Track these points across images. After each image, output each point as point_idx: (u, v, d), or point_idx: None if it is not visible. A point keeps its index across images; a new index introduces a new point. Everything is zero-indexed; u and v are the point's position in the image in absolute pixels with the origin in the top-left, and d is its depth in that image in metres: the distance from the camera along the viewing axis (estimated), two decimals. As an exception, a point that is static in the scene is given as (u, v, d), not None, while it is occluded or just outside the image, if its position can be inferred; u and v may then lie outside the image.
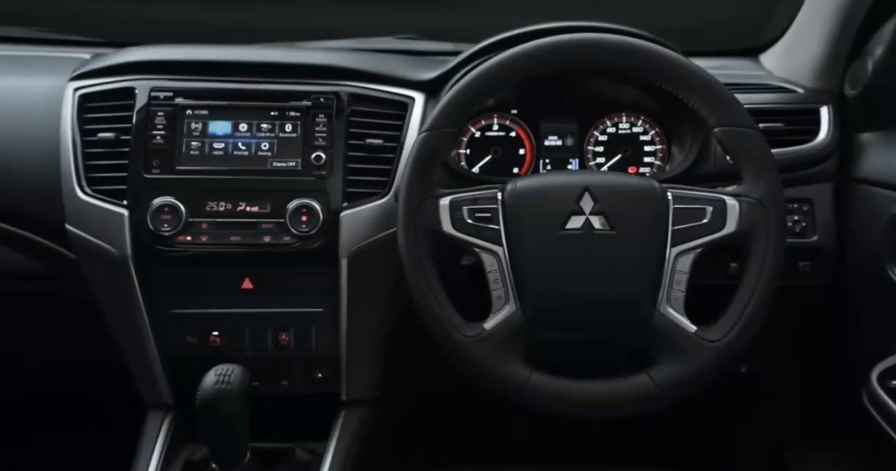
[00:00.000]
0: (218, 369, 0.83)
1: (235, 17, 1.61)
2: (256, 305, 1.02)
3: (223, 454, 0.86)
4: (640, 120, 1.16)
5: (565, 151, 1.17)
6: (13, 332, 1.13)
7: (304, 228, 0.99)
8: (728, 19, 1.50)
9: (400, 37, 1.35)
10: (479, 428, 1.45)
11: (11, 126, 1.01)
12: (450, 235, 0.88)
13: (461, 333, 0.86)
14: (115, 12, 1.58)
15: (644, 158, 1.16)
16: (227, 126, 1.03)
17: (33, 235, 1.00)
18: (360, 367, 1.04)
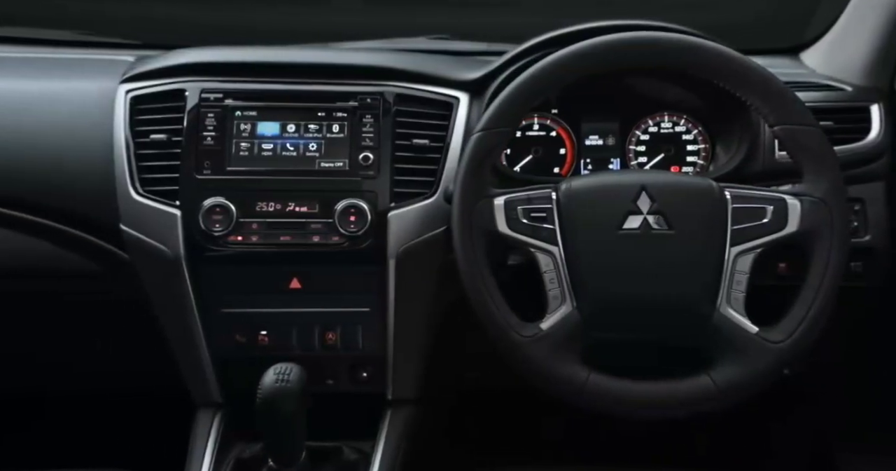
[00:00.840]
0: (277, 368, 0.84)
1: (267, 18, 1.63)
2: (304, 304, 1.03)
3: (281, 452, 0.87)
4: (682, 119, 1.16)
5: (606, 151, 1.17)
6: (63, 331, 1.15)
7: (352, 228, 1.00)
8: (766, 17, 1.49)
9: (432, 37, 1.35)
10: (520, 427, 1.46)
11: (65, 128, 1.03)
12: (505, 236, 0.89)
13: (518, 333, 0.86)
14: (148, 15, 1.61)
15: (687, 158, 1.16)
16: (275, 127, 1.04)
17: (88, 236, 1.01)
18: (406, 366, 1.05)
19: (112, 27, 1.53)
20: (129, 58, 1.21)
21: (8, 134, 1.02)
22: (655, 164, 1.16)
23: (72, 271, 1.03)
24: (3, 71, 1.12)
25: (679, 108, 1.16)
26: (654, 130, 1.16)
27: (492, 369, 1.24)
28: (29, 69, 1.14)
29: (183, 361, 1.04)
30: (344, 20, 1.67)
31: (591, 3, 1.66)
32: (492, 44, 1.33)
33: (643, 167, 1.16)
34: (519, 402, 1.46)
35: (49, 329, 1.15)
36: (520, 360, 0.87)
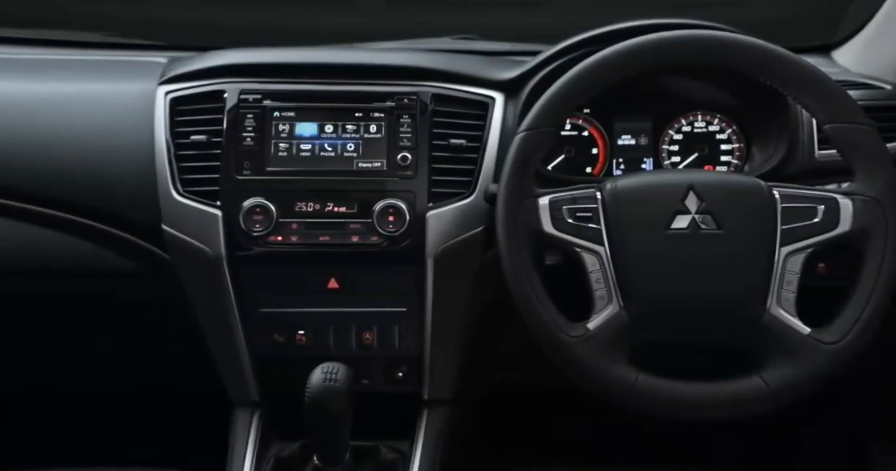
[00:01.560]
0: (324, 367, 0.84)
1: (292, 19, 1.64)
2: (341, 304, 1.04)
3: (327, 451, 0.88)
4: (715, 118, 1.15)
5: (639, 151, 1.16)
6: (100, 330, 1.16)
7: (391, 228, 1.00)
8: (797, 15, 1.49)
9: (456, 37, 1.36)
10: (546, 428, 1.46)
11: (106, 130, 1.04)
12: (551, 235, 0.89)
13: (566, 333, 0.86)
14: (174, 17, 1.62)
15: (721, 157, 1.15)
16: (313, 127, 1.04)
17: (129, 236, 1.02)
18: (442, 366, 1.05)
19: (138, 29, 1.56)
20: (160, 59, 1.21)
21: (51, 136, 1.03)
22: (689, 163, 1.15)
23: (112, 271, 1.04)
24: (44, 74, 1.13)
25: (712, 108, 1.15)
26: (687, 130, 1.16)
27: (520, 369, 1.25)
28: (66, 71, 1.15)
29: (221, 360, 1.04)
30: (368, 21, 1.67)
31: (617, 3, 1.67)
32: (516, 44, 1.32)
33: (676, 167, 1.16)
34: (545, 402, 1.47)
35: (86, 328, 1.15)
36: (567, 360, 0.87)
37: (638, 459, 1.47)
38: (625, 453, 1.48)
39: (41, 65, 1.17)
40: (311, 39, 1.39)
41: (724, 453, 1.45)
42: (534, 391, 1.37)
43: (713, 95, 1.14)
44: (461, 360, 1.07)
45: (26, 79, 1.11)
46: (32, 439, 1.29)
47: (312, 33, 1.56)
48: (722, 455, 1.45)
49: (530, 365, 1.28)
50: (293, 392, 1.03)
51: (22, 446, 1.26)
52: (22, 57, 1.21)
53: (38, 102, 1.06)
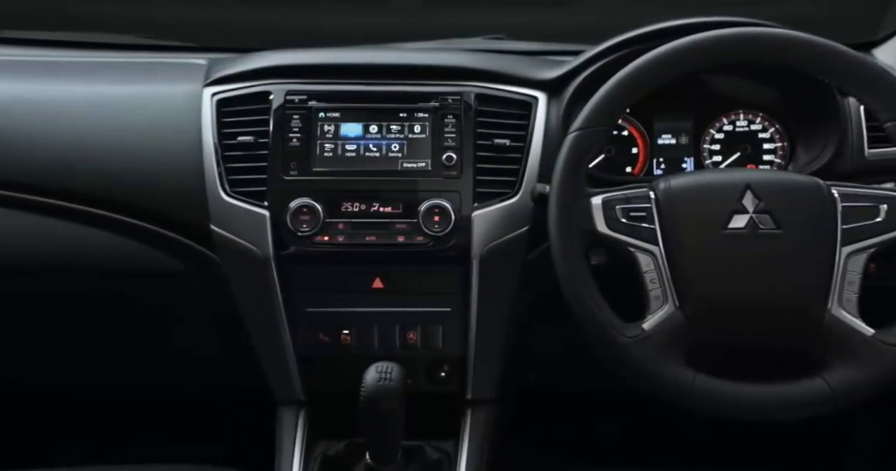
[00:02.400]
0: (378, 367, 0.85)
1: (324, 19, 1.64)
2: (386, 304, 1.05)
3: (381, 450, 0.88)
4: (758, 117, 1.14)
5: (679, 150, 1.16)
6: (144, 329, 1.17)
7: (436, 228, 1.01)
8: (837, 12, 1.47)
9: (488, 37, 1.36)
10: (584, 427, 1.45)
11: (154, 131, 1.05)
12: (604, 235, 0.89)
13: (621, 333, 0.86)
14: (206, 18, 1.63)
15: (763, 156, 1.14)
16: (358, 128, 1.05)
17: (178, 236, 1.03)
18: (486, 366, 1.05)
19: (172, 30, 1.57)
20: (198, 61, 1.22)
21: (101, 138, 1.04)
22: (731, 163, 1.15)
23: (160, 271, 1.05)
24: (91, 76, 1.14)
25: (754, 106, 1.14)
26: (728, 129, 1.15)
27: (554, 369, 1.25)
28: (112, 73, 1.16)
29: (267, 359, 1.05)
30: (398, 21, 1.68)
31: (648, 2, 1.66)
32: (547, 43, 1.33)
33: (718, 167, 1.15)
34: (577, 402, 1.47)
35: (131, 327, 1.17)
36: (623, 361, 0.86)
37: (672, 459, 1.47)
38: (658, 454, 1.47)
39: (88, 67, 1.18)
40: (344, 39, 1.40)
41: (761, 454, 1.45)
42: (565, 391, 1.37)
43: (755, 94, 1.14)
44: (505, 360, 1.07)
45: (75, 81, 1.12)
46: (79, 437, 1.31)
47: (345, 33, 1.57)
48: (759, 456, 1.44)
49: (564, 365, 1.29)
50: (337, 391, 1.06)
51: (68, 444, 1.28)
52: (68, 59, 1.23)
53: (89, 105, 1.07)
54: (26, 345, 1.17)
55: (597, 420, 1.50)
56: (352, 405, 1.06)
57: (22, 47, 1.28)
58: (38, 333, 1.16)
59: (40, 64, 1.19)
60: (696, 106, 1.15)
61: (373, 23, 1.66)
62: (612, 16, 1.73)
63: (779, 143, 1.14)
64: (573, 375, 1.32)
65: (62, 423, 1.29)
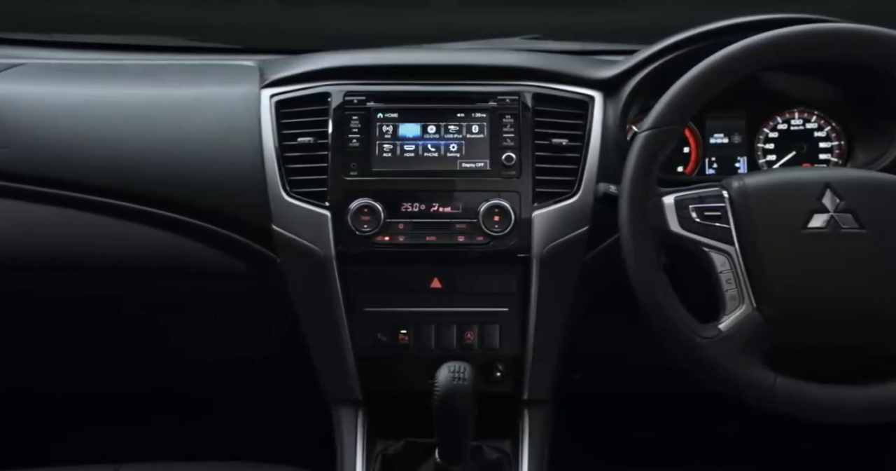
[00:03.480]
0: (451, 366, 0.85)
1: (364, 21, 1.65)
2: (443, 304, 1.04)
3: (453, 449, 0.88)
4: (813, 115, 1.14)
5: (732, 149, 1.15)
6: (198, 327, 1.18)
7: (496, 228, 1.01)
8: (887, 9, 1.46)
9: (525, 37, 1.36)
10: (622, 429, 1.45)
11: (215, 133, 1.05)
12: (677, 235, 0.88)
13: (698, 334, 0.85)
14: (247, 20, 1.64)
15: (819, 156, 1.14)
16: (416, 128, 1.05)
17: (238, 236, 1.03)
18: (543, 367, 1.05)
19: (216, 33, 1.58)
20: (246, 63, 1.24)
21: (163, 139, 1.05)
22: (786, 162, 1.14)
23: (219, 271, 1.06)
24: (151, 78, 1.15)
25: (810, 104, 1.14)
26: (783, 128, 1.14)
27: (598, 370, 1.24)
28: (166, 76, 1.17)
29: (325, 359, 1.05)
30: (436, 21, 1.69)
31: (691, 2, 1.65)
32: (586, 43, 1.33)
33: (772, 166, 1.15)
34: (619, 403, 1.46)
35: (185, 326, 1.18)
36: (701, 362, 0.85)
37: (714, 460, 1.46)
38: (697, 455, 1.47)
39: (142, 70, 1.19)
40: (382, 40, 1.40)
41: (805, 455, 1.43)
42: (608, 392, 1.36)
43: (811, 91, 1.13)
44: (561, 361, 1.07)
45: (135, 84, 1.13)
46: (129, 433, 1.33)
47: (382, 34, 1.58)
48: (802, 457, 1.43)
49: (609, 365, 1.28)
50: (393, 390, 1.07)
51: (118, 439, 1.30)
52: (122, 62, 1.24)
53: (151, 107, 1.08)
54: (86, 343, 1.19)
55: (642, 421, 1.50)
56: (408, 404, 1.07)
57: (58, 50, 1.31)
58: (95, 331, 1.17)
59: (98, 67, 1.21)
60: (749, 104, 1.14)
61: (410, 23, 1.67)
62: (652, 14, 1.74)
63: (835, 141, 1.14)
64: (618, 375, 1.32)
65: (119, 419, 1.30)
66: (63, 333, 1.17)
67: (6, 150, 1.02)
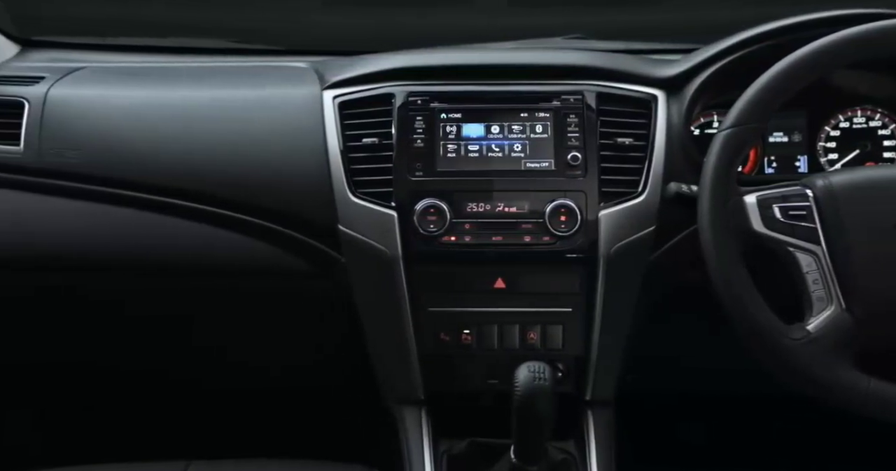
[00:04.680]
0: (531, 366, 0.84)
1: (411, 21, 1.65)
2: (507, 304, 1.04)
3: (532, 449, 0.88)
4: (877, 113, 1.12)
5: (792, 148, 1.14)
6: (260, 327, 1.19)
7: (563, 228, 1.01)
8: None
9: (568, 37, 1.36)
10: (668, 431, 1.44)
11: (280, 134, 1.06)
12: (761, 235, 0.87)
13: (786, 336, 0.84)
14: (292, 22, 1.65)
15: (883, 154, 1.12)
16: (479, 128, 1.05)
17: (303, 236, 1.04)
18: (607, 367, 1.05)
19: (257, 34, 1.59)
20: (299, 64, 1.25)
21: (229, 141, 1.06)
22: (849, 162, 1.12)
23: (283, 271, 1.07)
24: (212, 80, 1.16)
25: (873, 101, 1.12)
26: (845, 126, 1.13)
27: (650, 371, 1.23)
28: (226, 77, 1.18)
29: (388, 359, 1.06)
30: (481, 22, 1.68)
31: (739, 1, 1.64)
32: (629, 42, 1.32)
33: (834, 165, 1.13)
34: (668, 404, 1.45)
35: (248, 325, 1.19)
36: (789, 364, 0.84)
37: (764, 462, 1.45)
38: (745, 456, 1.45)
39: (204, 71, 1.21)
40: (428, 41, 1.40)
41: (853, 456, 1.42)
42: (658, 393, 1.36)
43: (874, 88, 1.11)
44: (625, 361, 1.06)
45: (197, 86, 1.14)
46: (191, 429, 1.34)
47: (429, 35, 1.58)
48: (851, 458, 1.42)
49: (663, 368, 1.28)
50: (455, 390, 1.07)
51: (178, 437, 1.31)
52: (179, 65, 1.26)
53: (216, 109, 1.09)
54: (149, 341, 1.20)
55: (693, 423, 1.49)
56: (467, 404, 1.08)
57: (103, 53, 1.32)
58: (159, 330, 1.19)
59: (156, 70, 1.23)
60: (810, 102, 1.12)
61: (456, 24, 1.67)
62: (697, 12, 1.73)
63: None
64: (670, 376, 1.31)
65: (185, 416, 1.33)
66: (130, 331, 1.18)
67: (78, 152, 1.03)
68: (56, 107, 1.06)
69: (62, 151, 1.03)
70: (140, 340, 1.21)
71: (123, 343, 1.21)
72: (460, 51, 1.19)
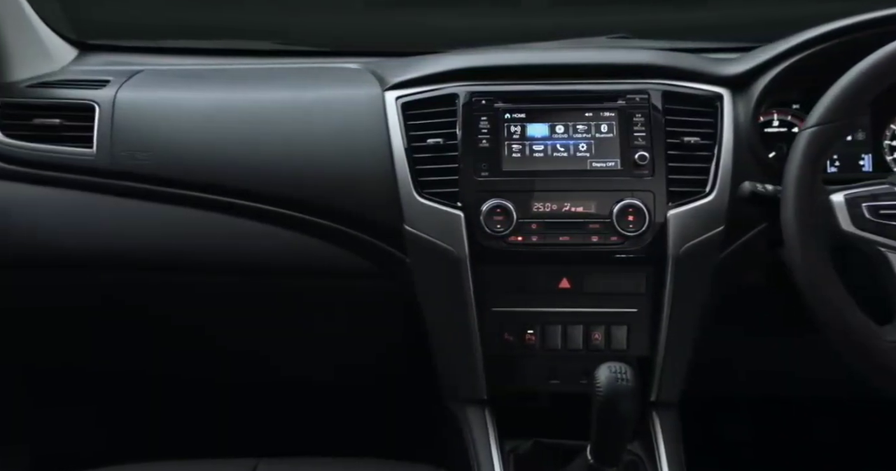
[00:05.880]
0: (611, 367, 0.83)
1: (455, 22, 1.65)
2: (571, 304, 1.04)
3: (611, 451, 0.87)
4: None
5: (856, 147, 1.12)
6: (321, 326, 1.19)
7: (631, 228, 1.00)
8: None
9: (612, 36, 1.35)
10: None
11: (344, 135, 1.06)
12: (849, 234, 0.86)
13: (880, 338, 0.82)
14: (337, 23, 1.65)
15: None
16: (544, 128, 1.05)
17: (368, 237, 1.05)
18: (673, 369, 1.04)
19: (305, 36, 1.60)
20: (350, 65, 1.25)
21: (294, 141, 1.06)
22: None
23: (346, 271, 1.07)
24: (270, 81, 1.17)
25: None
26: None
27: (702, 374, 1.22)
28: (287, 79, 1.18)
29: (453, 358, 1.06)
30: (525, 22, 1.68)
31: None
32: (673, 41, 1.31)
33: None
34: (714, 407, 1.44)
35: (309, 324, 1.19)
36: (886, 367, 0.82)
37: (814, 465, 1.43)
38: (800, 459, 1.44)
39: (264, 73, 1.21)
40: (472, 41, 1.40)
41: None
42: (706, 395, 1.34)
43: None
44: (691, 363, 1.05)
45: (259, 87, 1.15)
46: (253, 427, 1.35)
47: (472, 36, 1.58)
48: None
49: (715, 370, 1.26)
50: (518, 390, 1.06)
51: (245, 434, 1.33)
52: (239, 66, 1.26)
53: (283, 110, 1.10)
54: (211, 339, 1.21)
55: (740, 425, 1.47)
56: (531, 404, 1.07)
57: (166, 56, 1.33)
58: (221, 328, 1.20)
59: (215, 72, 1.23)
60: (874, 100, 1.12)
61: (497, 24, 1.67)
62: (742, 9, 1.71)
63: None
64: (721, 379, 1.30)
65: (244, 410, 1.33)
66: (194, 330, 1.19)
67: (148, 154, 1.05)
68: (125, 110, 1.08)
69: (133, 153, 1.05)
70: (203, 339, 1.21)
71: (189, 342, 1.22)
72: (519, 51, 1.18)
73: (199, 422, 1.35)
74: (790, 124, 1.14)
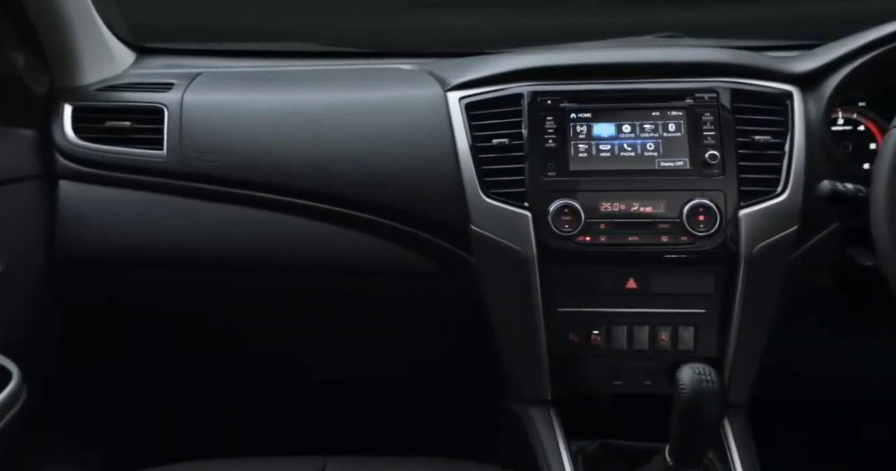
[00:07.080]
0: (695, 368, 0.82)
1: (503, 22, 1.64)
2: (638, 305, 1.03)
3: (693, 453, 0.86)
4: None
5: None
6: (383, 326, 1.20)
7: (702, 228, 0.99)
8: None
9: (661, 35, 1.33)
10: None
11: (409, 136, 1.06)
12: None
13: None
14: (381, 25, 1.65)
15: None
16: (611, 128, 1.04)
17: (434, 237, 1.04)
18: (744, 370, 1.02)
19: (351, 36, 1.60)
20: (405, 66, 1.25)
21: (360, 142, 1.07)
22: None
23: (410, 270, 1.07)
24: (332, 83, 1.17)
25: None
26: None
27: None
28: (348, 80, 1.18)
29: (518, 359, 1.05)
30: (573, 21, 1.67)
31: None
32: (719, 40, 1.29)
33: None
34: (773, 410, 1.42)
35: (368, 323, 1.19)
36: None
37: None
38: None
39: (324, 74, 1.21)
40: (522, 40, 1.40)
41: None
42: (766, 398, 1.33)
43: None
44: (760, 364, 1.04)
45: (322, 89, 1.15)
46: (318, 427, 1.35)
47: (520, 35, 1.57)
48: None
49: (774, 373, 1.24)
50: (581, 391, 1.05)
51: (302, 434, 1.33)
52: (297, 68, 1.27)
53: (348, 112, 1.10)
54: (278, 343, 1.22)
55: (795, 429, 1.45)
56: (594, 404, 1.06)
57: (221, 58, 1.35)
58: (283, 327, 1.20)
59: (275, 73, 1.23)
60: None
61: (545, 24, 1.66)
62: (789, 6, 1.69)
63: None
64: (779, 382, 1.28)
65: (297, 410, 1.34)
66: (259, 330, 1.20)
67: (216, 155, 1.05)
68: (192, 112, 1.09)
69: (202, 154, 1.06)
70: (269, 342, 1.22)
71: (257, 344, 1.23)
72: (577, 50, 1.17)
73: (267, 422, 1.36)
74: (855, 123, 1.12)
